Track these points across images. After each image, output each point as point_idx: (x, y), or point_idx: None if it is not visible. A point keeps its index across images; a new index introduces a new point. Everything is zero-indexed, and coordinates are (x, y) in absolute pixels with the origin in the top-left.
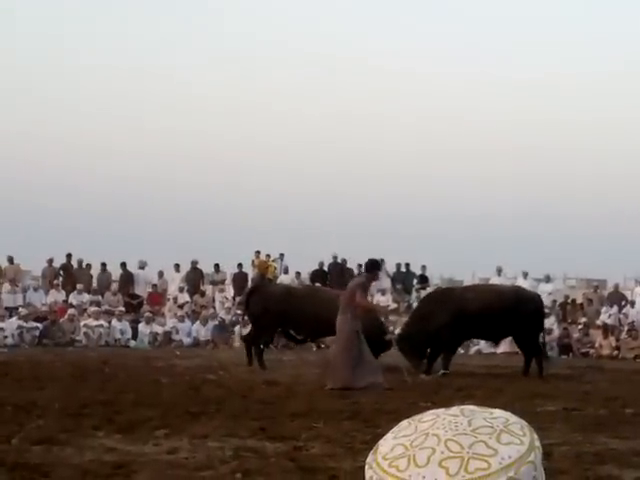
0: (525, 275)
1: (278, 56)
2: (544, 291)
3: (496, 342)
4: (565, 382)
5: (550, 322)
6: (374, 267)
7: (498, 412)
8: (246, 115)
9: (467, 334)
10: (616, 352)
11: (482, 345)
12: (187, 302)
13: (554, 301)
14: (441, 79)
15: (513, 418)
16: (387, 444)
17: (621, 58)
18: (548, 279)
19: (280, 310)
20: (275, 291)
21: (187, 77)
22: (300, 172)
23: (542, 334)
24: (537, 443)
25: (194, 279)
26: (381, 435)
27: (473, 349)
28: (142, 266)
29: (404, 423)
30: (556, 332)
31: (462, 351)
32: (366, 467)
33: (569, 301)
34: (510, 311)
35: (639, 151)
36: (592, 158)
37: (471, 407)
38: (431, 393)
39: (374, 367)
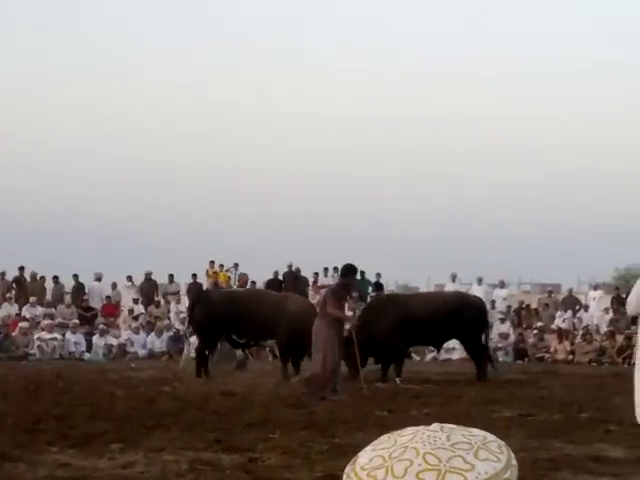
0: (480, 281)
1: None
2: (499, 296)
3: (438, 347)
4: (521, 387)
5: (505, 327)
6: (349, 272)
7: (476, 431)
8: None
9: (413, 340)
10: (571, 356)
11: (439, 352)
12: (142, 313)
13: (509, 306)
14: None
15: (491, 437)
16: (366, 455)
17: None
18: (503, 284)
19: (222, 315)
20: (215, 297)
21: None
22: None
23: (486, 338)
24: (514, 462)
25: (148, 290)
26: (338, 445)
27: (429, 356)
28: (98, 278)
29: (384, 437)
30: (511, 337)
31: (418, 358)
32: (344, 477)
33: (524, 306)
34: (452, 316)
35: (592, 157)
36: (545, 162)
37: (450, 425)
38: (387, 401)
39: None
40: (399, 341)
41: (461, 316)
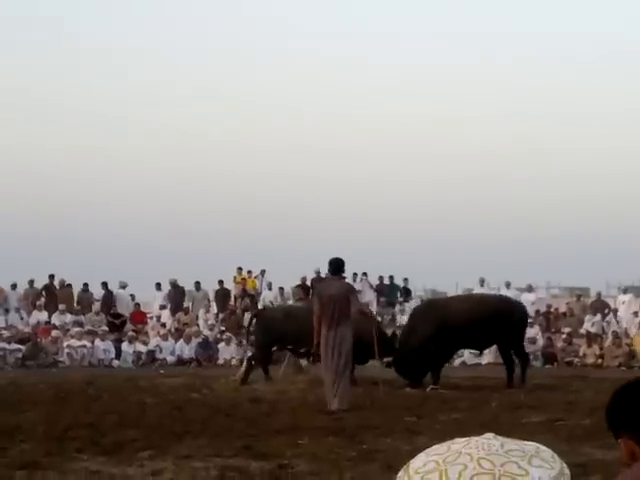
0: (508, 285)
1: None
2: (527, 301)
3: (481, 351)
4: (549, 392)
5: (534, 332)
6: (341, 267)
7: (529, 442)
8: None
9: (453, 345)
10: (600, 360)
11: (466, 356)
12: (170, 320)
13: (537, 311)
14: None
15: (543, 447)
16: (419, 460)
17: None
18: (531, 289)
19: (279, 329)
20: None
21: None
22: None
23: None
24: (566, 471)
25: (175, 297)
26: (367, 451)
27: (457, 361)
28: (123, 286)
29: (436, 445)
30: (540, 341)
31: (446, 363)
32: None
33: (552, 310)
34: (494, 320)
35: (613, 160)
36: (574, 163)
37: (503, 437)
38: (415, 407)
39: None
40: (436, 347)
41: (507, 320)
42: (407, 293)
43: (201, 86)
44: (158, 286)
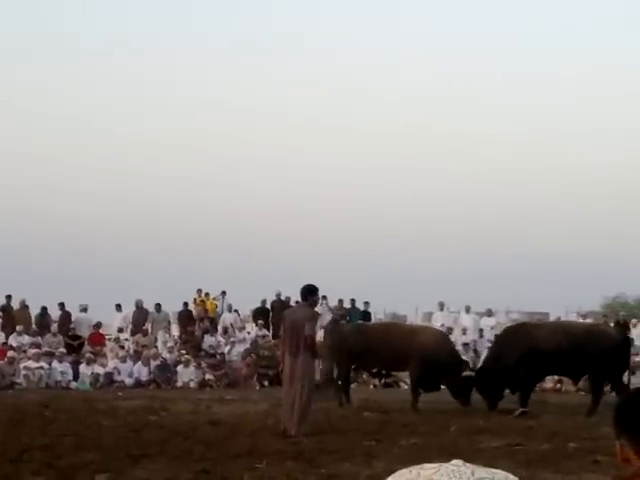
0: (468, 309)
1: None
2: (487, 325)
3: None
4: (508, 417)
5: None
6: (313, 292)
7: (498, 470)
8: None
9: (542, 371)
10: (559, 385)
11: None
12: (128, 342)
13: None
14: None
15: (512, 477)
16: None
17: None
18: (490, 313)
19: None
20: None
21: None
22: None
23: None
24: None
25: (138, 318)
26: (325, 475)
27: None
28: (84, 309)
29: (404, 470)
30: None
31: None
32: None
33: None
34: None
35: (580, 183)
36: (533, 186)
37: (472, 464)
38: (375, 431)
39: None
40: (525, 372)
41: (596, 349)
42: (366, 317)
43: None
44: (118, 307)
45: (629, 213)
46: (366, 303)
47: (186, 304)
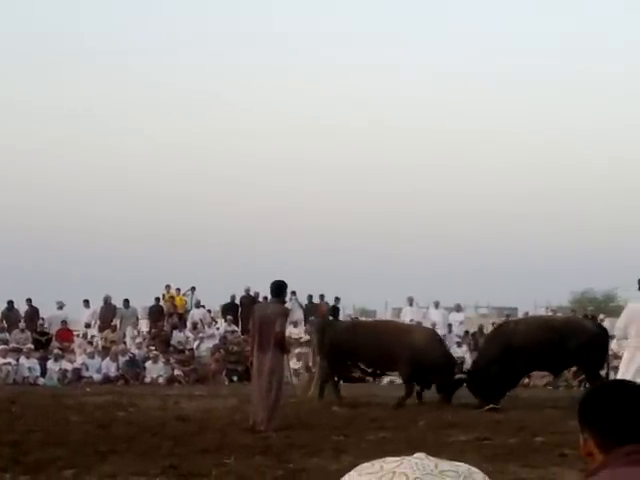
0: (437, 305)
1: None
2: (456, 320)
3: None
4: (476, 411)
5: (462, 351)
6: (283, 289)
7: (460, 463)
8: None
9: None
10: (527, 380)
11: (394, 375)
12: (96, 338)
13: (466, 331)
14: None
15: (474, 469)
16: None
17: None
18: (459, 308)
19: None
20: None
21: None
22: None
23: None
24: None
25: (106, 314)
26: (293, 470)
27: (385, 380)
28: (60, 307)
29: (366, 464)
30: (468, 361)
31: (374, 381)
32: None
33: (483, 330)
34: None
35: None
36: (504, 182)
37: (434, 457)
38: (343, 426)
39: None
40: (500, 369)
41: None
42: (335, 312)
43: None
44: (86, 303)
45: (596, 212)
46: (337, 299)
47: (158, 299)
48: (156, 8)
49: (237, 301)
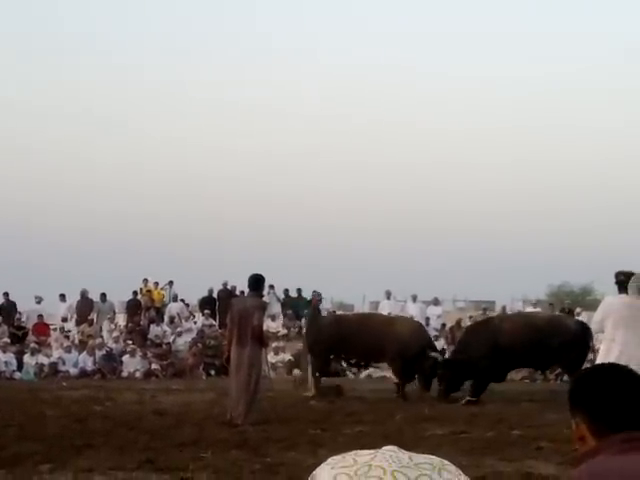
0: (414, 298)
1: None
2: (433, 314)
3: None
4: (454, 405)
5: (439, 344)
6: (261, 283)
7: (433, 456)
8: None
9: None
10: None
11: (372, 369)
12: (73, 332)
13: (444, 324)
14: None
15: (447, 461)
16: (325, 474)
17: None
18: (437, 302)
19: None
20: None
21: None
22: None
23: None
24: None
25: (83, 308)
26: (270, 464)
27: (363, 373)
28: (38, 301)
29: (337, 457)
30: (446, 355)
31: (352, 376)
32: None
33: (461, 324)
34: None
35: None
36: (483, 177)
37: (406, 451)
38: (320, 420)
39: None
40: (486, 364)
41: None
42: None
43: None
44: (62, 297)
45: (573, 207)
46: (316, 292)
47: (135, 293)
48: (157, 8)
49: (215, 295)
